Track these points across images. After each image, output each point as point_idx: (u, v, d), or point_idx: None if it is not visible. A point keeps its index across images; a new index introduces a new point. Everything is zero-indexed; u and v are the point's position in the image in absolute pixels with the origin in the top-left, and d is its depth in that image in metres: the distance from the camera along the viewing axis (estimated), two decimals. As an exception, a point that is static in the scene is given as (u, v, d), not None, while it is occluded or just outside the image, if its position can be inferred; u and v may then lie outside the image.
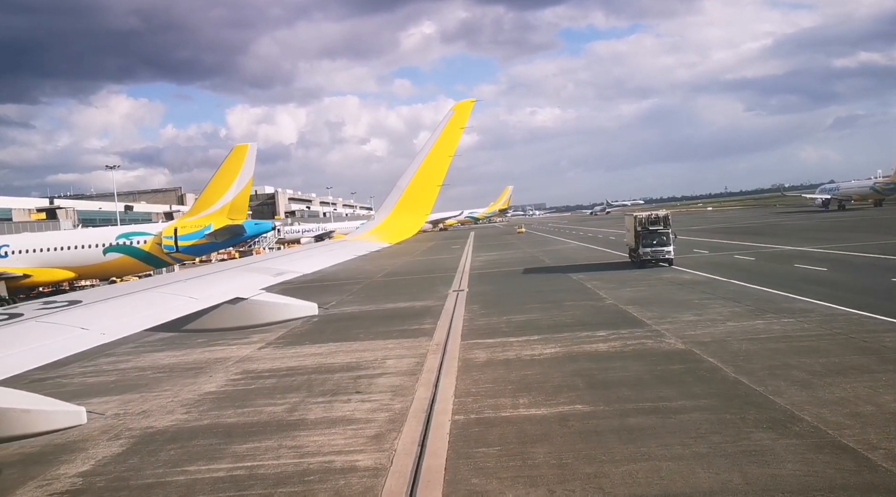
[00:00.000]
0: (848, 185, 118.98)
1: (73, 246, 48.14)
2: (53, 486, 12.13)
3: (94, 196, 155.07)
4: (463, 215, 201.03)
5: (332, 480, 11.26)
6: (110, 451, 13.85)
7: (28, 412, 4.78)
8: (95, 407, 17.51)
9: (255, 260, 12.68)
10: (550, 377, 16.62)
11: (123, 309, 6.95)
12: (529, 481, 10.32)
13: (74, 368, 23.33)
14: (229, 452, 13.16)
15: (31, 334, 5.69)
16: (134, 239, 49.02)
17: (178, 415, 16.26)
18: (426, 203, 14.03)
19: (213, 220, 49.29)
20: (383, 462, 11.92)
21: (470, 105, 14.22)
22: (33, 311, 6.41)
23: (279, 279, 9.18)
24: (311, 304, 8.10)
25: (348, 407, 15.74)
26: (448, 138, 13.75)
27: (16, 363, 4.99)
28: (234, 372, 20.77)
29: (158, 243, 48.63)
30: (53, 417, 4.91)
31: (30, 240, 51.26)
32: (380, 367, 19.70)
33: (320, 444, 13.16)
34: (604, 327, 22.55)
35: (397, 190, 14.04)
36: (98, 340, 5.71)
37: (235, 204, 49.67)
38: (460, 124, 13.83)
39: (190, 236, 48.68)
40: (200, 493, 11.27)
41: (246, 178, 49.70)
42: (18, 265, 46.21)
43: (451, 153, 13.77)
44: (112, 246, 48.26)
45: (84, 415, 4.97)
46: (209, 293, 7.70)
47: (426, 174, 13.74)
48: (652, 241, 41.34)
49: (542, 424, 13.07)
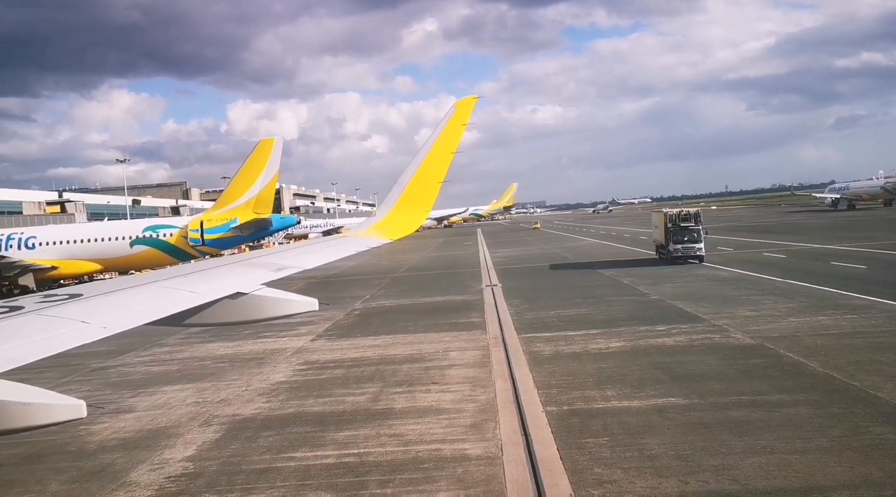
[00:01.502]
0: (858, 185, 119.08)
1: (100, 238, 48.20)
2: (166, 469, 12.19)
3: (99, 190, 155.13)
4: (467, 212, 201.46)
5: (448, 468, 11.32)
6: (207, 438, 13.91)
7: (28, 405, 4.77)
8: (181, 394, 17.62)
9: (257, 254, 12.70)
10: (628, 370, 16.68)
11: (124, 303, 6.99)
12: (655, 472, 10.37)
13: (132, 358, 23.45)
14: (329, 440, 13.22)
15: (31, 327, 5.70)
16: (160, 232, 49.07)
17: (259, 403, 16.31)
18: (427, 200, 14.08)
19: (238, 214, 49.36)
20: (493, 451, 11.98)
21: (472, 102, 14.26)
22: (34, 304, 6.43)
23: (280, 274, 9.20)
24: (312, 299, 8.14)
25: (431, 397, 15.79)
26: (450, 135, 13.79)
27: (16, 356, 4.98)
28: (296, 363, 20.82)
29: (185, 236, 48.70)
30: (53, 410, 4.90)
31: (57, 232, 51.28)
32: (445, 359, 19.75)
33: (420, 433, 13.21)
34: (660, 322, 22.60)
35: (398, 186, 14.08)
36: (99, 334, 5.71)
37: (261, 197, 49.73)
38: (462, 121, 13.87)
39: (216, 229, 48.74)
40: (317, 478, 11.33)
41: (272, 172, 49.75)
42: (46, 257, 46.25)
43: (452, 150, 13.82)
44: (139, 238, 48.33)
45: (84, 408, 4.94)
46: (210, 288, 7.71)
47: (427, 171, 13.78)
48: (683, 237, 41.41)
49: (640, 416, 13.13)
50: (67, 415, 4.94)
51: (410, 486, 10.71)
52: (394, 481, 10.98)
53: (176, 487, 11.39)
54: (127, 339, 25.51)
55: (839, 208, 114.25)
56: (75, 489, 11.66)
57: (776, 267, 36.12)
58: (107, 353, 24.32)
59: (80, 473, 12.37)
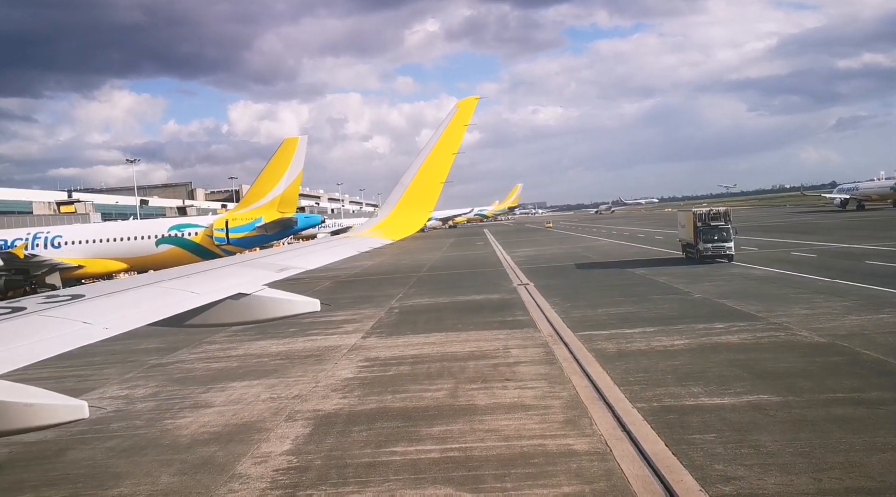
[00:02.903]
0: (867, 185, 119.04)
1: (125, 237, 48.15)
2: (270, 463, 12.16)
3: (105, 190, 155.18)
4: (473, 213, 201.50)
5: (560, 463, 11.28)
6: (298, 432, 13.88)
7: (30, 406, 4.76)
8: (253, 390, 17.58)
9: (259, 255, 12.78)
10: (705, 368, 16.64)
11: (126, 303, 7.01)
12: (781, 469, 10.29)
13: (185, 354, 23.41)
14: (424, 435, 13.18)
15: (34, 328, 5.70)
16: (185, 231, 49.03)
17: (336, 399, 16.27)
18: (429, 200, 14.07)
19: (263, 213, 49.34)
20: (599, 446, 11.94)
21: (474, 102, 14.25)
22: (36, 305, 6.44)
23: (282, 275, 9.24)
24: (314, 300, 8.19)
25: (511, 393, 15.75)
26: (452, 135, 13.79)
27: (19, 357, 4.97)
28: (357, 360, 20.76)
29: (210, 235, 48.67)
30: (55, 411, 4.89)
31: (83, 231, 51.24)
32: (509, 357, 19.70)
33: (515, 428, 13.17)
34: (715, 320, 22.57)
35: (400, 187, 14.06)
36: (101, 335, 5.72)
37: (285, 197, 49.71)
38: (464, 121, 13.87)
39: (241, 228, 48.71)
40: (429, 472, 11.29)
41: (296, 171, 49.71)
42: (72, 256, 46.19)
43: (454, 150, 13.81)
44: (164, 238, 48.28)
45: (86, 409, 4.94)
46: (212, 288, 7.74)
47: (429, 171, 13.77)
48: (713, 236, 41.39)
49: (739, 413, 13.07)
50: (70, 415, 4.93)
51: (529, 480, 10.68)
52: (510, 476, 10.94)
53: (289, 480, 11.35)
54: (173, 337, 25.54)
55: (848, 209, 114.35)
56: (188, 480, 11.63)
57: (811, 266, 36.13)
58: (157, 350, 24.30)
59: (185, 466, 12.34)
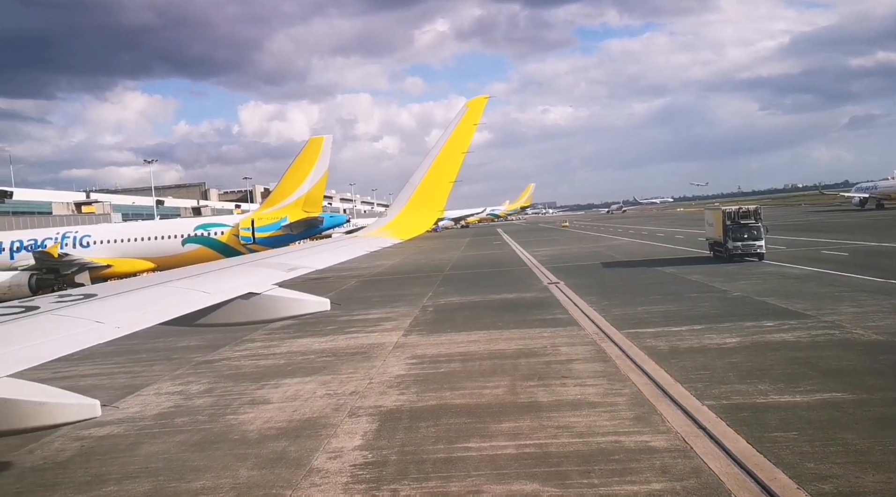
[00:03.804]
0: (887, 184, 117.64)
1: (152, 237, 48.41)
2: (345, 458, 12.10)
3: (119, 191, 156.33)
4: (485, 212, 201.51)
5: (643, 460, 11.15)
6: (364, 428, 13.82)
7: (43, 404, 4.79)
8: (307, 386, 17.55)
9: (268, 255, 12.92)
10: (765, 365, 16.44)
11: (138, 303, 7.08)
12: (876, 467, 10.06)
13: (229, 352, 23.44)
14: (495, 431, 13.07)
15: (46, 327, 5.76)
16: (212, 230, 49.23)
17: (394, 396, 16.20)
18: (438, 200, 14.04)
19: (288, 212, 49.49)
20: (677, 443, 11.79)
21: (483, 102, 14.16)
22: (49, 304, 6.50)
23: (291, 275, 9.30)
24: (324, 299, 8.20)
25: (572, 390, 15.62)
26: (461, 135, 13.72)
27: (32, 355, 5.04)
28: (404, 357, 20.69)
29: (236, 234, 48.84)
30: (67, 410, 4.91)
31: (111, 230, 51.59)
32: (559, 354, 19.55)
33: (587, 425, 13.04)
34: (762, 318, 22.33)
35: (410, 186, 14.02)
36: (113, 334, 5.77)
37: (311, 196, 49.84)
38: (473, 121, 13.81)
39: (267, 228, 48.86)
40: (509, 467, 11.19)
41: (321, 171, 49.82)
42: (101, 255, 46.47)
43: (463, 150, 13.75)
44: (191, 237, 48.48)
45: (98, 408, 4.93)
46: (222, 288, 7.81)
47: (439, 171, 13.72)
48: (743, 234, 41.06)
49: (815, 411, 12.86)
50: (81, 414, 4.96)
51: (617, 477, 10.57)
52: (593, 472, 10.83)
53: (369, 474, 11.30)
54: (212, 335, 25.57)
55: (866, 208, 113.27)
56: (267, 474, 11.59)
57: (846, 264, 35.75)
58: (199, 348, 24.36)
59: (260, 460, 12.31)
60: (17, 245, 46.13)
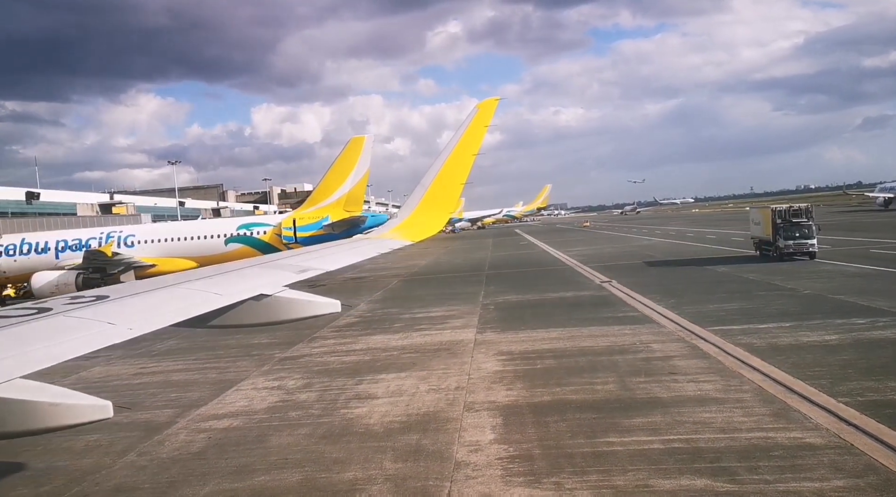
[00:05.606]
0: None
1: (196, 236, 48.52)
2: (486, 451, 11.93)
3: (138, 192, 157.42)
4: (501, 213, 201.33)
5: (808, 456, 10.75)
6: (489, 422, 13.62)
7: (56, 405, 4.81)
8: (407, 382, 17.34)
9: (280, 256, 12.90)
10: (882, 362, 15.99)
11: (150, 304, 7.12)
12: None
13: (307, 349, 23.34)
14: (629, 426, 12.76)
15: (59, 328, 5.77)
16: (254, 230, 49.28)
17: (503, 391, 15.93)
18: (449, 201, 13.98)
19: (329, 212, 49.41)
20: (835, 440, 11.35)
21: (494, 103, 14.05)
22: (62, 305, 6.53)
23: (302, 276, 9.33)
24: (335, 301, 8.15)
25: (688, 386, 15.26)
26: (472, 136, 13.61)
27: (45, 357, 5.05)
28: (491, 353, 20.41)
29: (278, 234, 48.83)
30: (80, 411, 4.93)
31: (155, 230, 51.82)
32: (653, 351, 19.20)
33: (725, 420, 12.65)
34: (849, 316, 21.87)
35: (421, 188, 13.91)
36: (125, 335, 5.79)
37: (352, 195, 49.73)
38: (484, 122, 13.68)
39: (308, 227, 48.80)
40: (665, 462, 10.88)
41: (362, 170, 49.73)
42: (145, 254, 46.60)
43: (474, 151, 13.64)
44: (233, 237, 48.51)
45: (110, 409, 4.94)
46: (234, 290, 7.85)
47: (450, 172, 13.62)
48: (794, 233, 40.53)
49: (962, 405, 12.56)
50: (94, 415, 4.96)
51: (788, 473, 10.23)
52: (759, 468, 10.51)
53: (521, 468, 11.06)
54: (281, 332, 25.42)
55: (890, 208, 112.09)
56: (412, 466, 11.39)
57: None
58: (272, 344, 24.21)
59: (399, 453, 12.12)
60: (62, 245, 46.32)
